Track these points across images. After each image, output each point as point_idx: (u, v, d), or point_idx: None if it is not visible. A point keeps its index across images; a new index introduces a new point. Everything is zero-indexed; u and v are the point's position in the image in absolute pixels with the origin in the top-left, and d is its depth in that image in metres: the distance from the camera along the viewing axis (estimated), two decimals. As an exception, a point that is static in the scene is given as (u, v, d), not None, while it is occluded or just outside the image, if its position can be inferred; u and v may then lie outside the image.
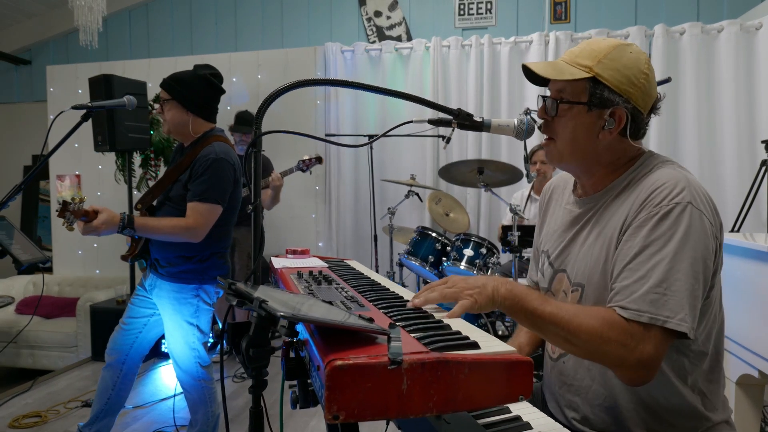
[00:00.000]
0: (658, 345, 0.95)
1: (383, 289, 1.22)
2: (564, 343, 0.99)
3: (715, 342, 1.11)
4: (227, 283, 0.82)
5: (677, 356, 1.07)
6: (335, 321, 0.73)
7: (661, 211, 0.99)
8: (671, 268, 0.96)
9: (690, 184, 1.02)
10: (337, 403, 0.66)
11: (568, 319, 0.96)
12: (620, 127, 1.09)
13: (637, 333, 0.94)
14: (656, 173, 1.07)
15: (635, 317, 0.95)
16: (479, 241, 2.91)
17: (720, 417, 1.12)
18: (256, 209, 0.90)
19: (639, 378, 0.97)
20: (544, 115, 1.15)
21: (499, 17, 4.61)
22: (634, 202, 1.05)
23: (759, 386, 1.86)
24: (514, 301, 0.99)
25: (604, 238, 1.10)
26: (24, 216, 5.52)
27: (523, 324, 1.02)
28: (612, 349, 0.95)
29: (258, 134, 0.88)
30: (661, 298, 0.95)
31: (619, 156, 1.14)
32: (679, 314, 0.94)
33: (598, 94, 1.08)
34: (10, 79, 5.57)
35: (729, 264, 1.88)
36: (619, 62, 1.07)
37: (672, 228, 0.98)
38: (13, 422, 2.77)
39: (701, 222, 0.98)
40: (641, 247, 1.00)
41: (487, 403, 0.73)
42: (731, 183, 3.72)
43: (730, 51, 3.71)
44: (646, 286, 0.96)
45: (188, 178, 2.04)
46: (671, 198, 1.00)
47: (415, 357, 0.69)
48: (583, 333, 0.95)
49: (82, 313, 3.91)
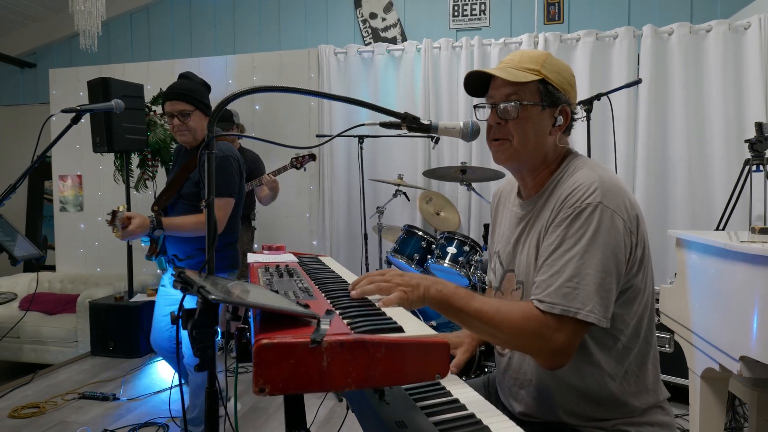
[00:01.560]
0: (571, 334, 1.04)
1: (340, 282, 1.29)
2: (489, 336, 1.10)
3: (646, 329, 1.18)
4: (177, 272, 0.90)
5: (612, 343, 1.13)
6: (264, 304, 0.80)
7: (575, 212, 1.08)
8: (582, 263, 1.05)
9: (603, 184, 1.09)
10: (263, 377, 0.74)
11: (492, 314, 1.05)
12: (566, 123, 1.20)
13: (552, 324, 1.04)
14: (575, 175, 1.15)
15: (549, 309, 1.04)
16: (463, 240, 2.98)
17: (653, 400, 1.19)
18: (209, 206, 0.97)
19: (555, 363, 1.07)
20: (498, 119, 1.20)
21: (493, 18, 4.66)
22: (556, 203, 1.14)
23: (722, 380, 1.91)
24: (443, 300, 1.07)
25: (534, 239, 1.19)
26: (29, 215, 5.65)
27: (453, 321, 1.10)
28: (530, 341, 1.05)
29: (210, 137, 0.96)
30: (573, 292, 1.04)
31: (557, 155, 1.23)
32: (588, 306, 1.03)
33: (549, 93, 1.17)
34: (15, 81, 5.70)
35: (691, 260, 1.94)
36: (556, 66, 1.18)
37: (583, 227, 1.06)
38: (13, 412, 2.88)
39: (612, 221, 1.06)
40: (557, 244, 1.08)
41: (405, 381, 0.81)
42: (719, 182, 3.75)
43: (719, 51, 3.74)
44: (559, 280, 1.05)
45: (199, 176, 2.21)
46: (584, 199, 1.08)
47: (335, 338, 0.77)
48: (505, 326, 1.05)
49: (81, 309, 4.02)
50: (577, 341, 1.06)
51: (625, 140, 3.85)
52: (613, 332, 1.12)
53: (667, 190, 3.86)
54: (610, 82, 3.83)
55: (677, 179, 3.81)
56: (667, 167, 3.86)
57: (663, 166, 3.87)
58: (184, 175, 2.26)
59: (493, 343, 1.33)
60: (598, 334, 1.12)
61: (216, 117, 0.97)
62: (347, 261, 4.28)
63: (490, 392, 1.43)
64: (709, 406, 1.94)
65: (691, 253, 1.95)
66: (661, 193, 3.87)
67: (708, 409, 1.94)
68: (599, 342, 1.13)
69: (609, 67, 3.94)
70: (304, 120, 4.48)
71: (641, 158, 3.83)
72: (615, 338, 1.13)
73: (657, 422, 1.18)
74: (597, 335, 1.12)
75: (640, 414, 1.16)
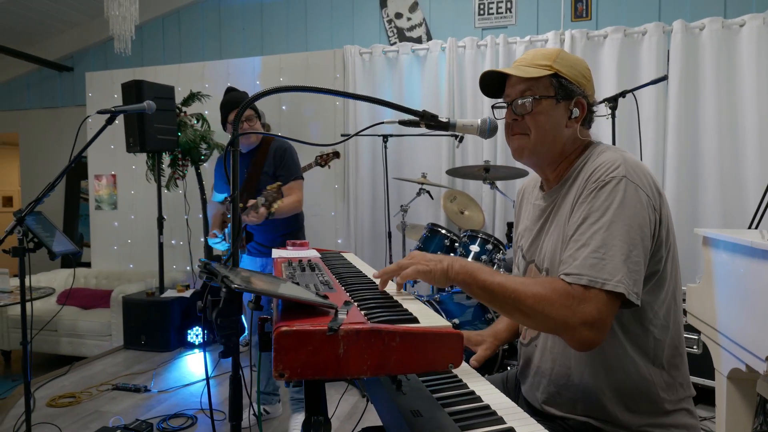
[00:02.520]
0: (600, 306, 1.01)
1: (360, 276, 1.33)
2: (514, 311, 1.06)
3: (675, 321, 1.17)
4: (203, 263, 0.94)
5: (642, 332, 1.13)
6: (284, 294, 0.84)
7: (599, 186, 1.08)
8: (608, 234, 1.04)
9: (627, 161, 1.10)
10: (282, 363, 0.78)
11: (515, 288, 1.05)
12: (583, 115, 1.21)
13: (578, 294, 1.01)
14: (600, 157, 1.16)
15: (576, 281, 1.03)
16: (486, 238, 2.98)
17: (682, 394, 1.18)
18: (234, 201, 1.02)
19: (586, 340, 1.02)
20: (515, 116, 1.23)
21: (519, 16, 4.63)
22: (580, 184, 1.14)
23: (749, 381, 1.87)
24: (467, 275, 1.08)
25: (560, 224, 1.19)
26: (66, 214, 5.86)
27: (476, 297, 1.10)
28: (556, 311, 1.01)
29: (236, 135, 1.01)
30: (600, 263, 1.02)
31: (577, 146, 1.24)
32: (616, 276, 1.01)
33: (562, 86, 1.19)
34: (54, 85, 5.92)
35: (717, 259, 1.91)
36: (569, 60, 1.20)
37: (608, 199, 1.06)
38: (51, 401, 3.01)
39: (636, 194, 1.06)
40: (583, 218, 1.08)
41: (418, 369, 0.83)
42: (753, 181, 3.64)
43: (752, 46, 3.64)
44: (585, 251, 1.04)
45: (273, 168, 2.56)
46: (608, 173, 1.09)
47: (351, 326, 0.80)
48: (530, 298, 1.03)
49: (115, 304, 4.16)
50: (608, 315, 1.02)
51: (654, 139, 3.78)
52: (642, 322, 1.12)
53: (698, 189, 3.78)
54: (638, 79, 3.76)
55: (708, 178, 3.72)
56: (698, 166, 3.77)
57: (694, 165, 3.78)
58: (257, 171, 2.57)
59: (519, 321, 1.32)
60: (629, 324, 1.11)
61: (241, 115, 1.01)
62: (371, 259, 4.32)
63: (508, 388, 1.44)
64: (735, 407, 1.90)
65: (717, 252, 1.92)
66: (692, 192, 3.78)
67: (735, 411, 1.90)
68: (629, 332, 1.12)
69: (637, 64, 3.88)
70: (330, 119, 4.54)
71: (671, 157, 3.76)
72: (645, 328, 1.13)
73: (683, 425, 1.16)
74: (627, 325, 1.12)
75: (666, 414, 1.15)
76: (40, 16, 5.31)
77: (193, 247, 4.56)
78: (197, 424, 2.74)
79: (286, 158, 2.59)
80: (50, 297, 4.53)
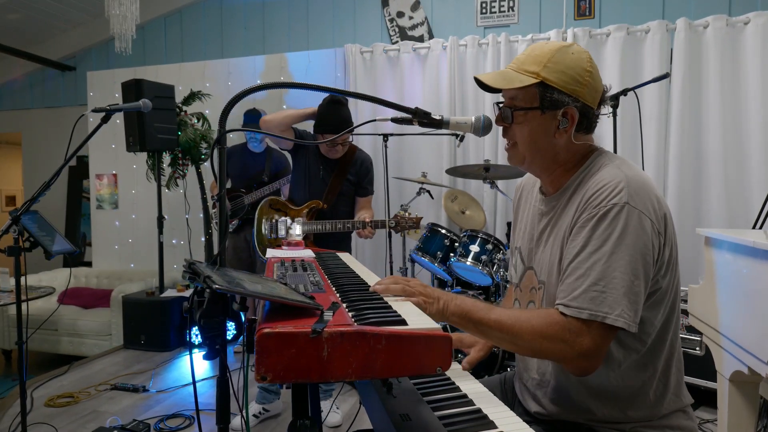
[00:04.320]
0: (597, 338, 1.01)
1: (353, 276, 1.31)
2: (511, 345, 1.07)
3: (672, 333, 1.15)
4: (187, 263, 0.92)
5: (639, 347, 1.11)
6: (265, 294, 0.82)
7: (600, 212, 1.05)
8: (609, 266, 1.01)
9: (630, 183, 1.06)
10: (264, 365, 0.76)
11: (511, 324, 1.04)
12: (574, 125, 1.14)
13: (575, 328, 1.01)
14: (600, 173, 1.12)
15: (576, 314, 1.01)
16: (486, 238, 2.96)
17: (676, 405, 1.16)
18: (221, 199, 1.00)
19: (583, 369, 1.04)
20: (502, 122, 1.20)
21: (522, 15, 4.60)
22: (580, 203, 1.11)
23: (752, 383, 1.84)
24: (462, 315, 1.07)
25: (558, 238, 1.16)
26: (68, 213, 5.86)
27: (473, 334, 1.10)
28: (553, 346, 1.02)
29: (222, 132, 0.99)
30: (600, 296, 1.00)
31: (574, 153, 1.19)
32: (616, 310, 1.00)
33: (549, 96, 1.12)
34: (56, 84, 5.93)
35: (719, 259, 1.88)
36: (562, 64, 1.12)
37: (609, 228, 1.03)
38: (49, 401, 3.01)
39: (639, 221, 1.03)
40: (582, 246, 1.05)
41: (405, 372, 0.81)
42: (758, 181, 3.60)
43: (757, 44, 3.60)
44: (585, 284, 1.02)
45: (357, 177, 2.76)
46: (609, 199, 1.05)
47: (336, 328, 0.78)
48: (526, 334, 1.03)
49: (115, 304, 4.16)
50: (604, 346, 1.03)
51: (656, 137, 3.74)
52: (639, 335, 1.09)
53: (701, 188, 3.74)
54: (641, 78, 3.72)
55: (712, 178, 3.68)
56: (701, 166, 3.73)
57: (697, 164, 3.74)
58: (342, 177, 2.72)
59: (517, 353, 1.31)
60: (623, 337, 1.09)
61: (227, 114, 0.99)
62: (372, 259, 4.29)
63: (506, 390, 1.42)
64: (737, 410, 1.87)
65: (719, 253, 1.89)
66: (695, 191, 3.74)
67: (736, 414, 1.87)
68: (624, 345, 1.10)
69: (641, 63, 3.84)
70: (331, 119, 4.51)
71: (674, 156, 3.72)
72: (641, 341, 1.11)
73: (678, 426, 1.15)
74: (621, 338, 1.10)
75: (661, 417, 1.13)
76: (42, 15, 5.32)
77: (194, 247, 4.55)
78: (195, 425, 2.73)
79: (371, 172, 2.82)
80: (51, 296, 4.53)
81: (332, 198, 2.73)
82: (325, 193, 2.73)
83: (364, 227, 2.58)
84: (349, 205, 2.79)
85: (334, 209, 2.74)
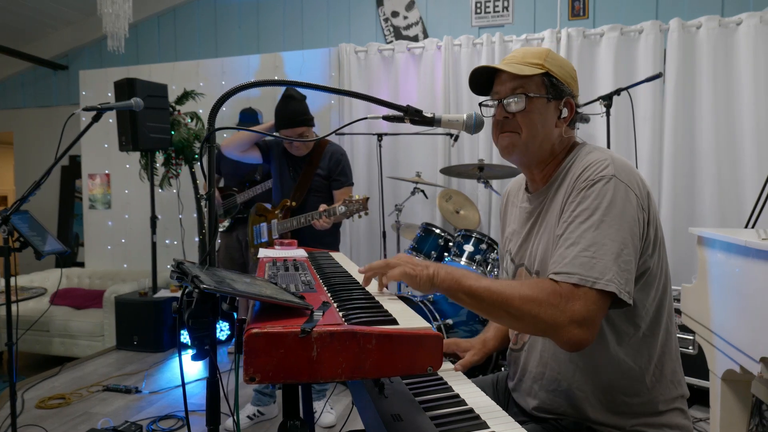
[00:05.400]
0: (589, 304, 0.98)
1: (345, 276, 1.30)
2: (502, 314, 1.03)
3: (667, 317, 1.16)
4: (176, 263, 0.91)
5: (632, 331, 1.11)
6: (253, 293, 0.81)
7: (588, 185, 1.07)
8: (599, 233, 1.02)
9: (615, 161, 1.10)
10: (253, 366, 0.75)
11: (502, 290, 1.02)
12: (571, 115, 1.21)
13: (567, 293, 0.99)
14: (587, 157, 1.15)
15: (566, 279, 1.01)
16: (480, 237, 2.95)
17: (675, 392, 1.16)
18: (210, 198, 0.99)
19: (575, 339, 0.99)
20: (506, 113, 1.21)
21: (516, 15, 4.60)
22: (568, 185, 1.13)
23: (744, 382, 1.84)
24: (452, 282, 1.05)
25: (549, 226, 1.18)
26: (61, 213, 5.82)
27: (463, 304, 1.07)
28: (544, 311, 0.99)
29: (211, 130, 0.98)
30: (590, 261, 1.00)
31: (565, 146, 1.23)
32: (607, 275, 0.99)
33: (554, 85, 1.18)
34: (49, 83, 5.89)
35: (712, 258, 1.89)
36: (558, 60, 1.20)
37: (598, 198, 1.05)
38: (40, 403, 2.98)
39: (626, 193, 1.05)
40: (572, 218, 1.07)
41: (396, 372, 0.80)
42: (750, 180, 3.62)
43: (749, 44, 3.61)
44: (575, 250, 1.02)
45: (328, 171, 2.68)
46: (597, 172, 1.08)
47: (325, 328, 0.77)
48: (517, 300, 1.00)
49: (108, 304, 4.13)
50: (597, 313, 0.99)
51: (650, 137, 3.75)
52: (633, 319, 1.10)
53: (694, 188, 3.75)
54: (634, 78, 3.72)
55: (705, 177, 3.69)
56: (694, 165, 3.75)
57: (690, 164, 3.75)
58: (311, 172, 2.66)
59: (507, 325, 1.30)
60: (618, 322, 1.10)
61: (216, 112, 0.98)
62: (366, 259, 4.28)
63: (498, 390, 1.42)
64: (730, 409, 1.88)
65: (712, 252, 1.89)
66: (688, 191, 3.75)
67: (729, 412, 1.88)
68: (619, 331, 1.11)
69: (634, 63, 3.85)
70: (325, 117, 4.51)
71: (668, 156, 3.73)
72: (635, 326, 1.11)
73: (676, 425, 1.15)
74: (616, 324, 1.10)
75: (658, 414, 1.13)
76: (34, 14, 5.28)
77: (187, 247, 4.52)
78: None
79: (343, 163, 2.71)
80: (43, 297, 4.51)
81: (301, 195, 2.69)
82: (293, 191, 2.69)
83: (320, 217, 2.47)
84: (324, 200, 2.70)
85: (305, 206, 2.69)
